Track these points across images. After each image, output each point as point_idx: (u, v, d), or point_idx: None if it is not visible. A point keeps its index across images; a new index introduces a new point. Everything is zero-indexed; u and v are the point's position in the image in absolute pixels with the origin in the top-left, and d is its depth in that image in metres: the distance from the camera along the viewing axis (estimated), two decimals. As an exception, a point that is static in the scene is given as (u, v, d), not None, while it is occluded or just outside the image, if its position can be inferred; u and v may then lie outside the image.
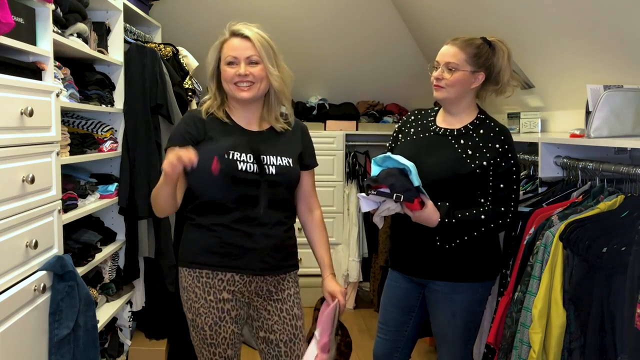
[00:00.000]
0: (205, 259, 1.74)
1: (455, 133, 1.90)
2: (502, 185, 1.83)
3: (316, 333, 1.76)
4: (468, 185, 1.84)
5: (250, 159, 1.72)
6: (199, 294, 1.74)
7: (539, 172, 2.28)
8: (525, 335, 1.79)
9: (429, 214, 1.78)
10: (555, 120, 2.85)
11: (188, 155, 1.51)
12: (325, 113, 4.35)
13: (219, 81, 1.79)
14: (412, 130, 2.00)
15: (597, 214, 1.79)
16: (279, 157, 1.77)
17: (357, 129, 4.26)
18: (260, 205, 1.72)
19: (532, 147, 2.49)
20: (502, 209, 1.83)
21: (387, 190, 1.77)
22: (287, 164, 1.77)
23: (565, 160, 2.17)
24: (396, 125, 2.09)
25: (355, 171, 4.26)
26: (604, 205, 1.82)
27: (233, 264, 1.74)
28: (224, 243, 1.73)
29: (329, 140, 4.11)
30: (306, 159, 1.87)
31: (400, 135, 2.03)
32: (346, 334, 1.88)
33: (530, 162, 2.47)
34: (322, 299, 1.86)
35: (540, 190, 2.30)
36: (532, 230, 1.97)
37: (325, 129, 4.22)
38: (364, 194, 1.83)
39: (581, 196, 2.02)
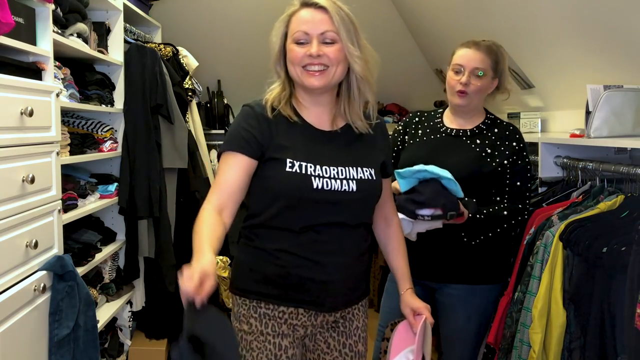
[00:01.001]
0: (266, 289, 1.43)
1: (469, 133, 1.91)
2: (518, 183, 1.85)
3: None
4: (487, 183, 1.85)
5: (326, 173, 1.38)
6: (254, 325, 1.43)
7: (539, 172, 2.28)
8: (526, 335, 1.79)
9: (463, 216, 1.75)
10: (555, 120, 2.85)
11: (201, 295, 1.11)
12: (325, 113, 4.34)
13: (287, 66, 1.44)
14: (420, 132, 1.97)
15: (597, 214, 1.79)
16: (359, 169, 1.43)
17: (357, 129, 4.26)
18: (336, 230, 1.42)
19: (532, 147, 2.49)
20: (519, 205, 1.85)
21: (440, 212, 1.64)
22: (370, 177, 1.44)
23: (565, 160, 2.17)
24: (398, 127, 2.05)
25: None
26: (604, 205, 1.82)
27: (299, 298, 1.43)
28: (289, 274, 1.41)
29: (329, 140, 4.11)
30: (389, 167, 1.57)
31: (406, 137, 1.99)
32: None
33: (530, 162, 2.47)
34: (393, 324, 1.60)
35: (540, 190, 2.30)
36: (532, 230, 1.96)
37: (325, 129, 4.22)
38: (405, 217, 1.65)
39: (581, 196, 2.02)
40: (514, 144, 1.88)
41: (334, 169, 1.40)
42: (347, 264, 1.44)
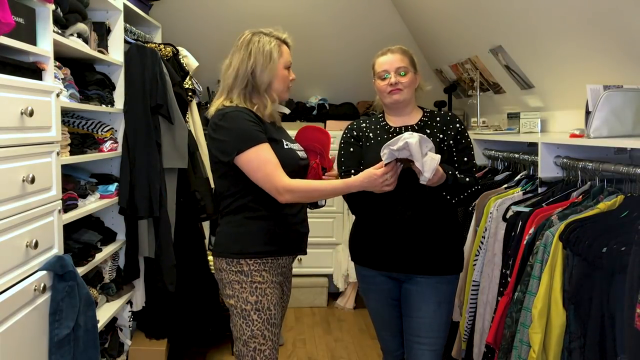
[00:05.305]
0: (272, 247, 1.84)
1: (416, 127, 2.03)
2: (466, 159, 2.00)
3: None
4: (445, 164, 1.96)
5: (297, 148, 1.92)
6: (266, 277, 1.82)
7: (538, 172, 2.28)
8: (525, 335, 1.79)
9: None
10: (555, 120, 2.85)
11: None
12: (325, 113, 4.35)
13: (253, 87, 1.86)
14: (371, 134, 2.08)
15: (597, 214, 1.79)
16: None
17: (357, 129, 4.27)
18: None
19: (532, 147, 2.49)
20: (473, 177, 1.98)
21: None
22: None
23: (565, 160, 2.17)
24: (347, 134, 2.14)
25: (355, 171, 4.26)
26: (603, 205, 1.82)
27: (293, 248, 1.91)
28: (295, 231, 1.90)
29: (329, 140, 4.12)
30: None
31: (360, 143, 2.10)
32: None
33: (530, 162, 2.47)
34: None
35: (540, 190, 2.30)
36: (532, 230, 1.97)
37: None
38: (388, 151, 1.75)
39: (581, 196, 2.02)
40: (457, 125, 2.02)
41: (295, 145, 1.94)
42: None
